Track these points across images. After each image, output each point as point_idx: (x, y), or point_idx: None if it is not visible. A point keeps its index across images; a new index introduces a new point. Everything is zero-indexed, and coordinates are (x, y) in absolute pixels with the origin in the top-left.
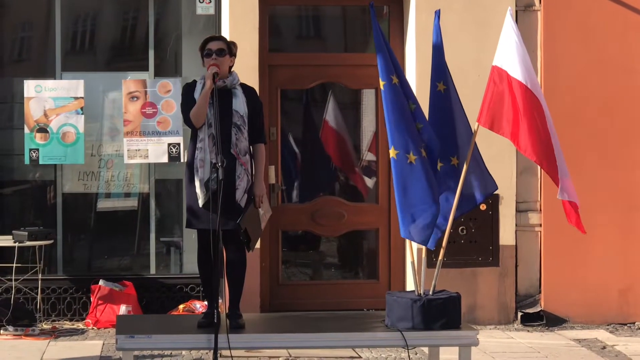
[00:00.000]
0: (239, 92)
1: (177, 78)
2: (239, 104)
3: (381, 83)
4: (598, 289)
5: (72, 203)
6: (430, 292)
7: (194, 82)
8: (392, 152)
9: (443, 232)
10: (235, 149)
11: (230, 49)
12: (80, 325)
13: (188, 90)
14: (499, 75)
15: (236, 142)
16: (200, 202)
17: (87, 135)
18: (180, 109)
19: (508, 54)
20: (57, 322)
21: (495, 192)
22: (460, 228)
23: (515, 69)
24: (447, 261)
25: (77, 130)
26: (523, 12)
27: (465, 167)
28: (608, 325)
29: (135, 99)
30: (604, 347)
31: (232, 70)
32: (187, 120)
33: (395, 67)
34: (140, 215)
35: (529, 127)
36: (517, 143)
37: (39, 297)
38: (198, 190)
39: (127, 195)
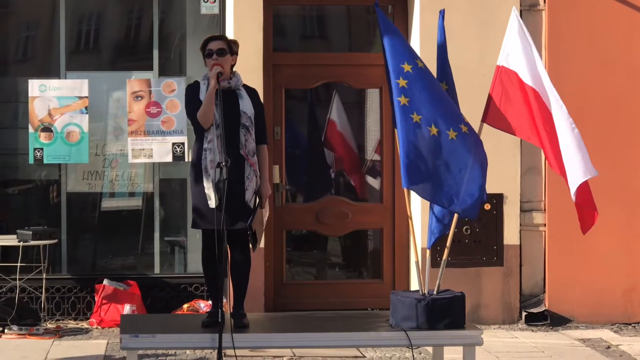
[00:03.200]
0: (243, 93)
1: (181, 77)
2: (246, 105)
3: (407, 67)
4: (602, 289)
5: (76, 202)
6: (435, 292)
7: (196, 83)
8: (433, 130)
9: (447, 231)
10: (244, 149)
11: (231, 47)
12: (84, 324)
13: (192, 92)
14: (504, 74)
15: (245, 143)
16: (212, 204)
17: (91, 135)
18: (186, 111)
19: (513, 53)
20: (61, 322)
21: (500, 192)
22: (464, 228)
23: (522, 68)
24: (451, 261)
25: (81, 130)
26: (527, 11)
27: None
28: (612, 325)
29: (140, 98)
30: (609, 347)
31: (234, 69)
32: (194, 122)
33: (415, 54)
34: (145, 215)
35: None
36: (535, 141)
37: (43, 296)
38: (209, 191)
39: (132, 194)
